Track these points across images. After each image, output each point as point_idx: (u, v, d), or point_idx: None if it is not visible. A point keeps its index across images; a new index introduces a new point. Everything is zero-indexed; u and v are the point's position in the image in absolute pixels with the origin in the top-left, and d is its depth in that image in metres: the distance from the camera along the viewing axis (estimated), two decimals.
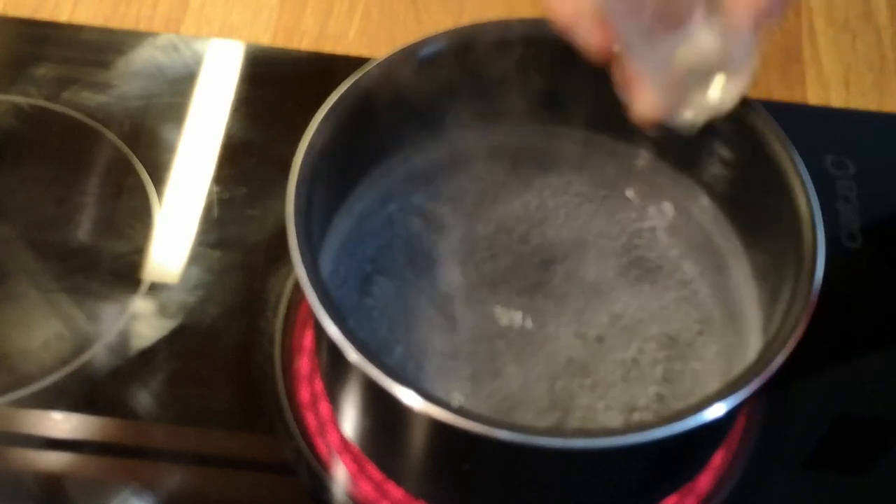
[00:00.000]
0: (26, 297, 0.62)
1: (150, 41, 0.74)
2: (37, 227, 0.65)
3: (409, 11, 0.77)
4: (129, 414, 0.58)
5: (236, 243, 0.65)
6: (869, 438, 0.60)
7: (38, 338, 0.60)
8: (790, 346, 0.45)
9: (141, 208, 0.66)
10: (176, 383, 0.59)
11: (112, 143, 0.68)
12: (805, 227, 0.49)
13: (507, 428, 0.43)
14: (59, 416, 0.58)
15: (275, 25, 0.76)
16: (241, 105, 0.71)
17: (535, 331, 0.55)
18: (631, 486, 0.53)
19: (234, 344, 0.61)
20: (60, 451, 0.57)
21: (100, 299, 0.62)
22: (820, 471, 0.59)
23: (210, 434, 0.58)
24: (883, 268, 0.66)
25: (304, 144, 0.50)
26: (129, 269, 0.63)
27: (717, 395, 0.45)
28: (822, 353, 0.59)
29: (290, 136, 0.51)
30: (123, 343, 0.60)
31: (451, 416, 0.43)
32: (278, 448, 0.57)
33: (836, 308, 0.51)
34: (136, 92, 0.71)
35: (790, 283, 0.48)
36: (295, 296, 0.62)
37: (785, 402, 0.59)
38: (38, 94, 0.70)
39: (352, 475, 0.56)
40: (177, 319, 0.61)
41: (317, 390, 0.59)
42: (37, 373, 0.59)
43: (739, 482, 0.57)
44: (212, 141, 0.69)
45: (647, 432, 0.43)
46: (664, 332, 0.56)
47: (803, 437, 0.59)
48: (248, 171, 0.68)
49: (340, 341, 0.44)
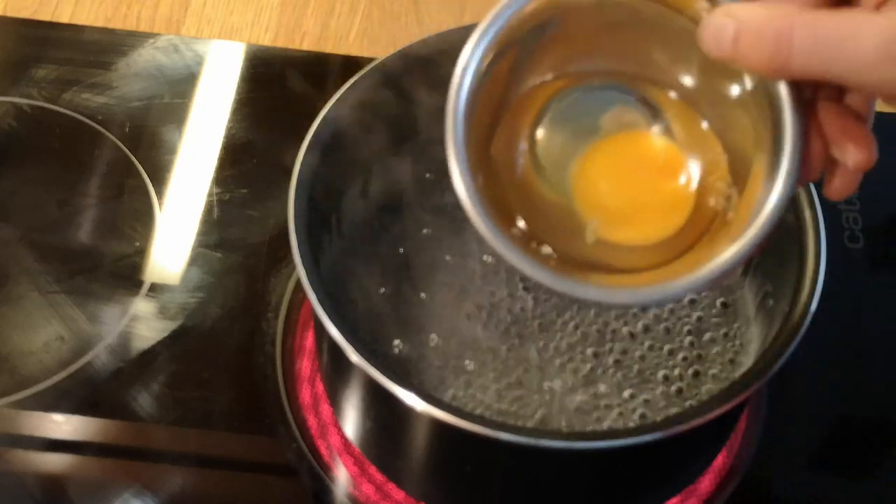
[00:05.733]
0: (27, 298, 0.62)
1: (150, 42, 0.73)
2: (37, 228, 0.65)
3: (410, 12, 0.77)
4: (130, 416, 0.58)
5: (237, 244, 0.65)
6: (870, 439, 0.60)
7: (39, 339, 0.60)
8: (791, 349, 0.45)
9: (142, 210, 0.66)
10: (177, 385, 0.59)
11: (113, 144, 0.68)
12: (807, 228, 0.49)
13: (509, 430, 0.43)
14: (60, 417, 0.58)
15: (275, 26, 0.76)
16: (241, 106, 0.71)
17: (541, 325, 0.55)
18: (633, 488, 0.53)
19: (235, 345, 0.60)
20: (61, 453, 0.57)
21: (101, 301, 0.62)
22: (821, 472, 0.59)
23: (211, 436, 0.58)
24: (884, 269, 0.66)
25: (306, 145, 0.50)
26: (129, 270, 0.63)
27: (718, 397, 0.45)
28: (823, 354, 0.59)
29: (291, 136, 0.51)
30: (124, 345, 0.60)
31: (453, 418, 0.43)
32: (279, 450, 0.57)
33: (837, 309, 0.51)
34: (137, 93, 0.71)
35: (792, 285, 0.48)
36: (296, 297, 0.62)
37: (786, 403, 0.59)
38: (38, 96, 0.70)
39: (353, 477, 0.56)
40: (178, 321, 0.61)
41: (318, 392, 0.59)
42: (38, 374, 0.59)
43: (741, 483, 0.57)
44: (213, 142, 0.69)
45: (648, 434, 0.43)
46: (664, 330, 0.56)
47: (805, 439, 0.59)
48: (248, 172, 0.68)
49: (342, 342, 0.44)
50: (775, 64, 0.35)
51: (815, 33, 0.34)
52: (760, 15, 0.35)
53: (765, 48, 0.35)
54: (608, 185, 0.43)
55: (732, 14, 0.36)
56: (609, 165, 0.43)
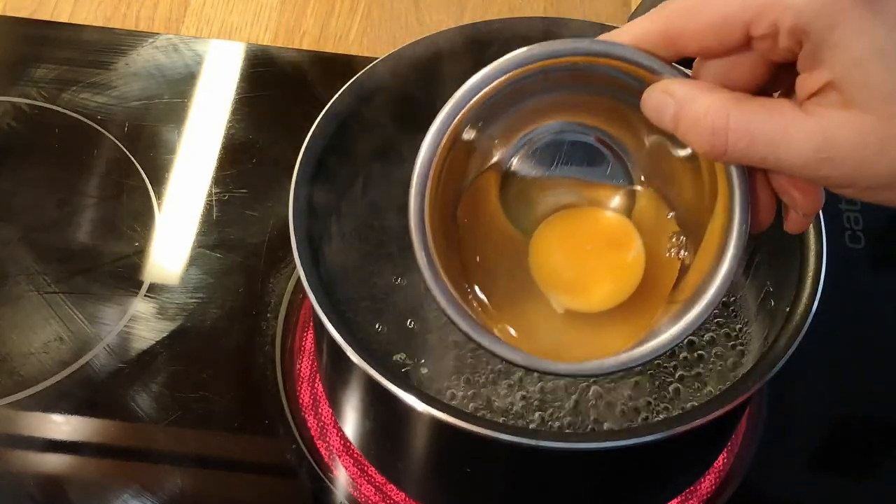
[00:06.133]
0: (27, 298, 0.62)
1: (150, 42, 0.73)
2: (37, 228, 0.65)
3: (411, 11, 0.77)
4: (129, 416, 0.58)
5: (236, 245, 0.64)
6: (870, 440, 0.60)
7: (38, 340, 0.60)
8: (791, 349, 0.45)
9: (141, 210, 0.66)
10: (176, 385, 0.59)
11: (112, 144, 0.68)
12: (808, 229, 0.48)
13: (509, 430, 0.43)
14: (60, 418, 0.58)
15: (275, 26, 0.76)
16: (241, 106, 0.71)
17: None
18: (633, 488, 0.53)
19: (235, 346, 0.60)
20: (61, 453, 0.57)
21: (100, 301, 0.62)
22: (822, 472, 0.59)
23: (210, 436, 0.58)
24: (885, 269, 0.66)
25: (306, 145, 0.50)
26: (129, 270, 0.63)
27: (718, 398, 0.45)
28: (824, 354, 0.59)
29: (291, 136, 0.51)
30: (123, 345, 0.60)
31: (453, 418, 0.43)
32: (279, 450, 0.57)
33: (837, 309, 0.51)
34: (136, 93, 0.71)
35: (793, 285, 0.48)
36: (295, 297, 0.62)
37: (786, 403, 0.59)
38: (38, 95, 0.70)
39: (352, 478, 0.56)
40: (177, 321, 0.61)
41: (318, 392, 0.58)
42: (37, 375, 0.59)
43: (742, 484, 0.57)
44: (212, 142, 0.69)
45: (648, 435, 0.43)
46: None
47: (805, 439, 0.59)
48: (248, 172, 0.68)
49: (342, 342, 0.44)
50: (714, 153, 0.35)
51: (749, 131, 0.34)
52: (698, 104, 0.35)
53: (703, 139, 0.35)
54: (561, 259, 0.45)
55: (671, 92, 0.36)
56: (561, 240, 0.45)
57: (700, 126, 0.35)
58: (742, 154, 0.35)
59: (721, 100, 0.35)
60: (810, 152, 0.33)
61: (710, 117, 0.35)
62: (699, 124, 0.35)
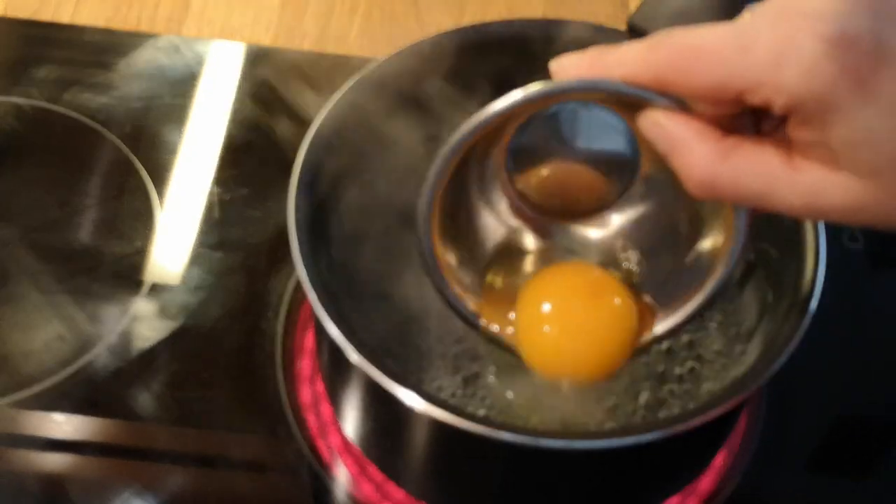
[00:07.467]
0: (28, 298, 0.62)
1: (151, 42, 0.74)
2: (38, 228, 0.65)
3: (410, 12, 0.77)
4: (130, 415, 0.58)
5: (237, 244, 0.65)
6: (870, 439, 0.60)
7: (39, 339, 0.60)
8: (790, 349, 0.45)
9: (142, 210, 0.66)
10: (177, 384, 0.59)
11: (113, 144, 0.68)
12: (807, 228, 0.49)
13: (509, 430, 0.43)
14: (61, 417, 0.58)
15: (276, 26, 0.76)
16: (242, 106, 0.71)
17: None
18: (633, 487, 0.53)
19: (236, 345, 0.61)
20: (62, 453, 0.57)
21: (101, 301, 0.62)
22: (821, 471, 0.59)
23: (211, 435, 0.58)
24: (885, 269, 0.66)
25: (306, 145, 0.50)
26: (130, 270, 0.63)
27: (717, 397, 0.45)
28: (823, 354, 0.59)
29: (291, 137, 0.51)
30: (125, 344, 0.60)
31: (453, 418, 0.43)
32: (279, 449, 0.57)
33: (837, 309, 0.51)
34: (138, 93, 0.71)
35: (792, 284, 0.48)
36: (296, 297, 0.62)
37: (786, 402, 0.59)
38: (39, 96, 0.70)
39: (353, 476, 0.56)
40: (178, 321, 0.61)
41: (318, 391, 0.59)
42: (38, 374, 0.59)
43: (741, 483, 0.57)
44: (213, 142, 0.69)
45: (648, 434, 0.43)
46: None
47: (805, 438, 0.59)
48: (249, 172, 0.68)
49: (342, 342, 0.44)
50: (703, 198, 0.37)
51: (735, 188, 0.36)
52: (686, 154, 0.36)
53: (691, 185, 0.36)
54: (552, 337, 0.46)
55: (662, 127, 0.37)
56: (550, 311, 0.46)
57: (688, 174, 0.36)
58: (731, 200, 0.38)
59: (708, 155, 0.36)
60: (799, 205, 0.35)
61: (698, 173, 0.36)
62: (688, 172, 0.36)
